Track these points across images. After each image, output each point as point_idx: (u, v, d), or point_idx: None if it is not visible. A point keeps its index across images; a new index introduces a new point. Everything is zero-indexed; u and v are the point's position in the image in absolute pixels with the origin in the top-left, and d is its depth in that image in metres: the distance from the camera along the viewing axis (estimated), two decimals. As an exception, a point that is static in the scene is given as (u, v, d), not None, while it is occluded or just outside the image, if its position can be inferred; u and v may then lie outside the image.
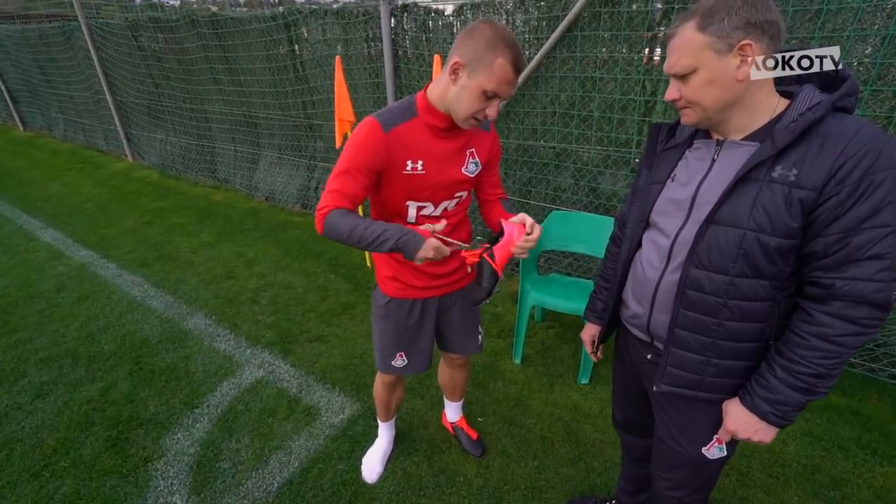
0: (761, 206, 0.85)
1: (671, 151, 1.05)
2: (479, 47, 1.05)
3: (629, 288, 1.12)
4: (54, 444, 1.97)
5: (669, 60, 0.91)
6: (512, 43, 1.05)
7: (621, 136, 2.56)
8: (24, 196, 5.01)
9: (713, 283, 0.92)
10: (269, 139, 4.57)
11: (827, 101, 0.83)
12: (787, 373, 0.88)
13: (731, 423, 0.97)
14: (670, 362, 1.03)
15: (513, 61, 1.06)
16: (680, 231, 0.97)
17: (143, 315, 2.88)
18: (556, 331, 2.73)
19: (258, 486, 1.79)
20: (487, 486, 1.80)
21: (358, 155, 1.14)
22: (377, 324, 1.54)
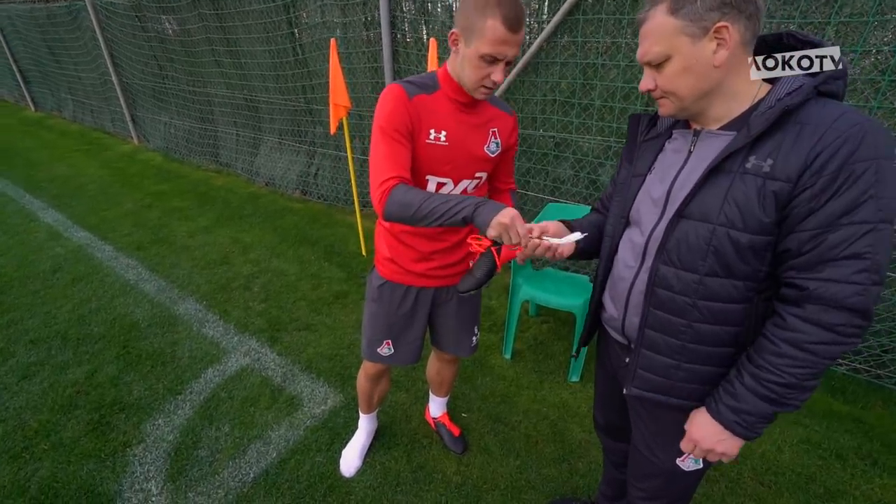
0: (733, 199, 0.79)
1: (651, 143, 0.99)
2: (471, 12, 1.01)
3: (607, 288, 1.07)
4: (36, 426, 1.97)
5: (641, 48, 0.84)
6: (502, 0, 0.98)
7: (623, 127, 2.45)
8: (30, 176, 5.04)
9: (682, 281, 0.87)
10: (270, 124, 4.52)
11: (808, 85, 0.75)
12: (754, 380, 0.81)
13: (696, 432, 0.91)
14: (640, 364, 0.97)
15: (504, 19, 0.99)
16: (655, 228, 0.92)
17: (135, 299, 2.87)
18: (549, 326, 2.66)
19: (234, 475, 1.77)
20: (466, 485, 1.76)
21: (392, 118, 1.10)
22: (369, 307, 1.49)
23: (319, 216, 4.08)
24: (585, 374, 2.29)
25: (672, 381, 0.94)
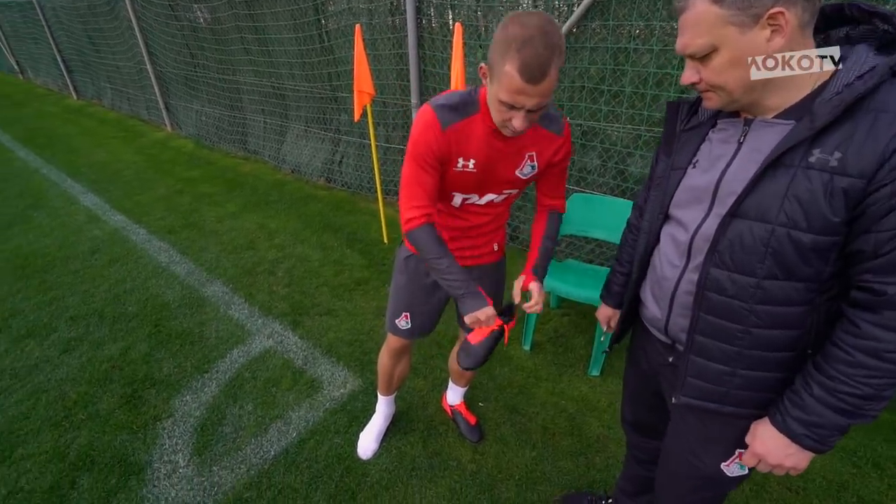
0: (794, 197, 0.72)
1: (692, 133, 0.91)
2: (496, 50, 0.94)
3: (647, 286, 1.02)
4: (75, 397, 2.08)
5: (681, 40, 0.76)
6: (525, 43, 0.87)
7: (654, 115, 2.36)
8: (71, 162, 5.28)
9: (737, 285, 0.80)
10: (297, 111, 4.57)
11: (883, 66, 0.67)
12: (826, 391, 0.75)
13: (760, 446, 0.84)
14: (690, 372, 0.91)
15: (522, 68, 0.89)
16: (700, 225, 0.85)
17: (167, 280, 2.98)
18: (570, 319, 2.62)
19: (256, 452, 1.83)
20: (481, 473, 1.76)
21: (422, 147, 1.10)
22: (395, 279, 1.52)
23: (343, 203, 4.13)
24: (606, 369, 2.25)
25: (726, 388, 0.88)
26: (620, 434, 1.91)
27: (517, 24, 0.90)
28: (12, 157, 5.42)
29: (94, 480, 1.72)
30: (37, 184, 4.60)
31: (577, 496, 1.64)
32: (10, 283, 2.93)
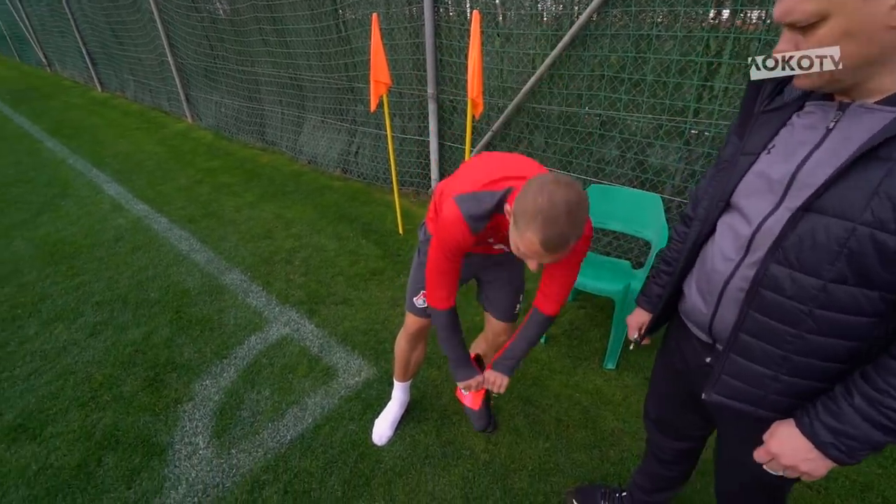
0: (886, 194, 0.64)
1: (773, 115, 0.82)
2: (523, 207, 0.95)
3: (693, 278, 0.95)
4: (101, 379, 2.15)
5: (783, 5, 0.67)
6: (550, 220, 0.91)
7: (676, 104, 2.30)
8: (96, 152, 5.41)
9: (798, 285, 0.74)
10: (314, 102, 4.59)
11: None
12: (868, 403, 0.70)
13: (776, 445, 0.80)
14: (727, 370, 0.87)
15: (542, 241, 0.94)
16: (767, 218, 0.78)
17: (187, 268, 3.05)
18: (586, 311, 2.59)
19: (273, 436, 1.87)
20: (494, 463, 1.77)
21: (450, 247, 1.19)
22: (415, 259, 1.58)
23: (358, 194, 4.15)
24: (622, 363, 2.22)
25: (764, 392, 0.83)
26: (636, 428, 1.90)
27: (546, 198, 0.91)
28: (41, 148, 5.59)
29: (118, 459, 1.78)
30: (64, 173, 4.74)
31: (590, 488, 1.63)
32: (39, 268, 3.03)
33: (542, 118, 2.88)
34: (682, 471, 1.34)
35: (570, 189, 0.92)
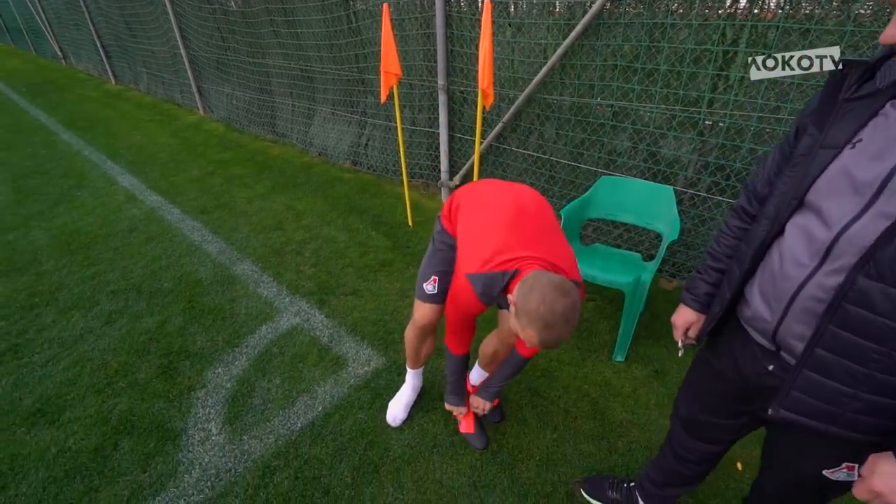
0: None
1: (860, 103, 0.74)
2: (526, 308, 1.07)
3: (756, 281, 0.89)
4: (116, 366, 2.20)
5: None
6: (549, 327, 1.04)
7: (690, 94, 2.26)
8: (110, 144, 5.49)
9: (892, 302, 0.67)
10: (324, 94, 4.59)
11: None
12: None
13: (880, 484, 0.73)
14: (798, 386, 0.81)
15: (541, 342, 1.07)
16: (851, 224, 0.71)
17: (200, 258, 3.09)
18: (595, 304, 2.58)
19: (283, 423, 1.90)
20: (501, 453, 1.78)
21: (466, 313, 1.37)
22: (429, 246, 1.64)
23: (368, 186, 4.15)
24: (631, 355, 2.21)
25: (841, 410, 0.78)
26: (644, 420, 1.89)
27: (548, 307, 1.03)
28: (57, 140, 5.68)
29: (134, 444, 1.83)
30: (79, 165, 4.82)
31: (598, 479, 1.63)
32: (56, 258, 3.10)
33: (553, 109, 2.85)
34: (701, 472, 1.30)
35: (568, 298, 1.04)
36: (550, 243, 1.28)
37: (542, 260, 1.20)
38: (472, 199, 1.46)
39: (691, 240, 2.58)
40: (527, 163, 3.17)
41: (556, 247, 1.28)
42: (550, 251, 1.25)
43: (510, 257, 1.21)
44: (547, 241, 1.28)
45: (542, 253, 1.22)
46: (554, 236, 1.33)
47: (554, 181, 3.05)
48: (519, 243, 1.24)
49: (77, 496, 1.63)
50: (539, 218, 1.34)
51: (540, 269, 1.16)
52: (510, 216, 1.31)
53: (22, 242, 3.31)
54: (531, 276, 1.12)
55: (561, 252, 1.28)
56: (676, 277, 2.74)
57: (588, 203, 2.41)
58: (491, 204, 1.39)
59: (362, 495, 1.63)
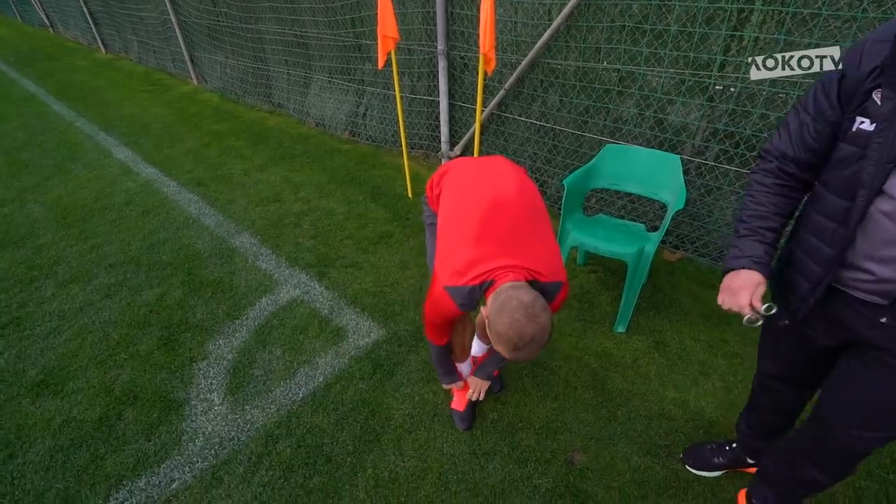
0: None
1: None
2: (496, 329, 1.11)
3: (862, 246, 0.91)
4: (117, 339, 2.20)
5: None
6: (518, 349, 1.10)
7: (701, 57, 2.16)
8: (103, 115, 5.37)
9: None
10: (320, 61, 4.44)
11: None
12: None
13: None
14: None
15: (512, 358, 1.15)
16: None
17: (198, 231, 3.06)
18: (597, 276, 2.55)
19: (285, 394, 1.91)
20: (501, 421, 1.79)
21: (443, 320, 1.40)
22: (426, 231, 1.66)
23: (367, 157, 4.07)
24: (632, 326, 2.20)
25: None
26: (643, 389, 1.90)
27: (516, 332, 1.08)
28: (48, 111, 5.55)
29: (137, 413, 1.84)
30: (72, 136, 4.72)
31: (697, 450, 1.62)
32: (53, 231, 3.07)
33: (557, 75, 2.74)
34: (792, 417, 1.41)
35: (536, 324, 1.08)
36: (526, 243, 1.26)
37: (517, 267, 1.20)
38: (451, 187, 1.43)
39: (696, 211, 2.53)
40: (529, 132, 3.09)
41: (532, 247, 1.26)
42: (526, 253, 1.24)
43: (484, 270, 1.22)
44: (522, 241, 1.26)
45: (517, 258, 1.22)
46: (532, 231, 1.29)
47: (557, 151, 2.97)
48: (493, 251, 1.24)
49: (84, 463, 1.66)
50: (517, 210, 1.29)
51: (514, 280, 1.18)
52: (484, 215, 1.27)
53: (18, 215, 3.27)
54: (503, 292, 1.14)
55: (538, 252, 1.26)
56: (680, 249, 2.71)
57: (592, 172, 2.35)
58: (466, 199, 1.34)
59: (364, 462, 1.66)
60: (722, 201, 2.43)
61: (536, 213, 1.34)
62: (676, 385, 1.92)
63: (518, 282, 1.18)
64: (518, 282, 1.18)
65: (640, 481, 1.58)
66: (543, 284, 1.24)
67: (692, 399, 1.86)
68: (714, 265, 2.59)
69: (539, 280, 1.23)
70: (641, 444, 1.70)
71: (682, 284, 2.47)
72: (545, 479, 1.59)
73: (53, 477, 1.62)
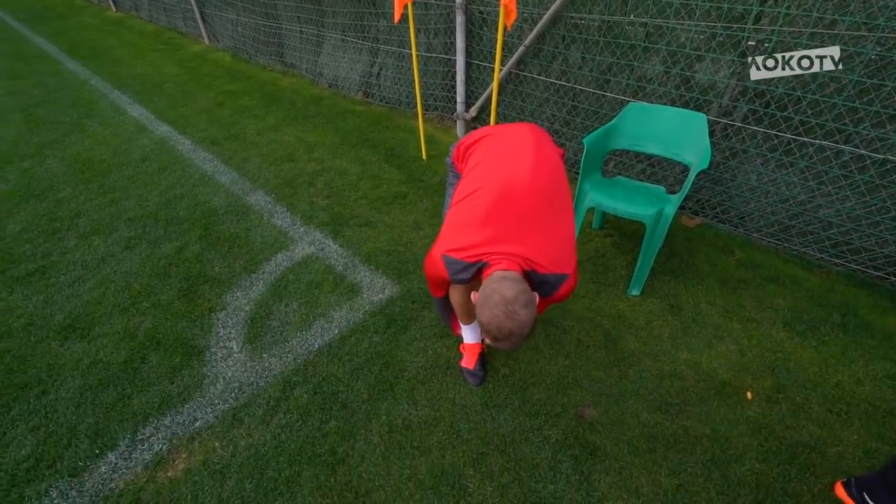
0: None
1: None
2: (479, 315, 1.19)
3: None
4: (139, 288, 2.26)
5: None
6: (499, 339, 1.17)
7: (736, 8, 2.04)
8: (115, 73, 5.33)
9: None
10: (333, 18, 4.31)
11: None
12: None
13: None
14: None
15: (495, 345, 1.21)
16: None
17: (213, 188, 3.07)
18: (613, 240, 2.53)
19: (301, 344, 1.96)
20: (513, 376, 1.82)
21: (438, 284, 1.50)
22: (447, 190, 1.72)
23: (381, 119, 4.01)
24: (646, 290, 2.19)
25: None
26: (656, 350, 1.91)
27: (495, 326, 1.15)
28: (62, 69, 5.53)
29: (161, 358, 1.91)
30: (87, 94, 4.71)
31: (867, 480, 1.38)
32: (73, 185, 3.11)
33: (580, 30, 2.63)
34: None
35: (513, 321, 1.13)
36: (532, 233, 1.27)
37: (515, 255, 1.23)
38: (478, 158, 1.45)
39: (719, 175, 2.46)
40: (548, 91, 2.99)
41: (537, 237, 1.27)
42: (529, 243, 1.25)
43: (482, 251, 1.26)
44: (529, 229, 1.27)
45: (518, 246, 1.24)
46: (542, 221, 1.28)
47: (576, 112, 2.88)
48: (496, 235, 1.26)
49: (112, 401, 1.74)
50: (530, 199, 1.28)
51: (507, 269, 1.22)
52: (496, 198, 1.28)
53: (38, 170, 3.31)
54: (489, 284, 1.19)
55: (542, 243, 1.27)
56: (699, 215, 2.65)
57: (613, 132, 2.28)
58: (485, 177, 1.35)
59: (378, 410, 1.71)
60: (747, 165, 2.36)
61: (552, 200, 1.32)
62: (689, 347, 1.92)
63: (509, 272, 1.21)
64: (509, 272, 1.21)
65: (648, 436, 1.61)
66: (542, 275, 1.26)
67: (705, 361, 1.86)
68: (734, 231, 2.54)
69: (536, 271, 1.25)
70: (651, 401, 1.72)
71: (700, 250, 2.44)
72: (555, 431, 1.63)
73: (84, 412, 1.70)
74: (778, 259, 2.37)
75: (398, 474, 1.52)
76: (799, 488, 1.46)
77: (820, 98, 1.97)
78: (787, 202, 2.30)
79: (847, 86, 1.87)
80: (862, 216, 2.11)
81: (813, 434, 1.59)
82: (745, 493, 1.45)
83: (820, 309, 2.08)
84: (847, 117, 1.95)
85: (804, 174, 2.19)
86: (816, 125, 2.04)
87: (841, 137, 2.02)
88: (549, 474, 1.51)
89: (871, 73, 1.81)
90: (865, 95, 1.87)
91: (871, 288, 2.18)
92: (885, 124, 1.89)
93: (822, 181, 2.15)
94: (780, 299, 2.13)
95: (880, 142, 1.93)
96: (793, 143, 2.16)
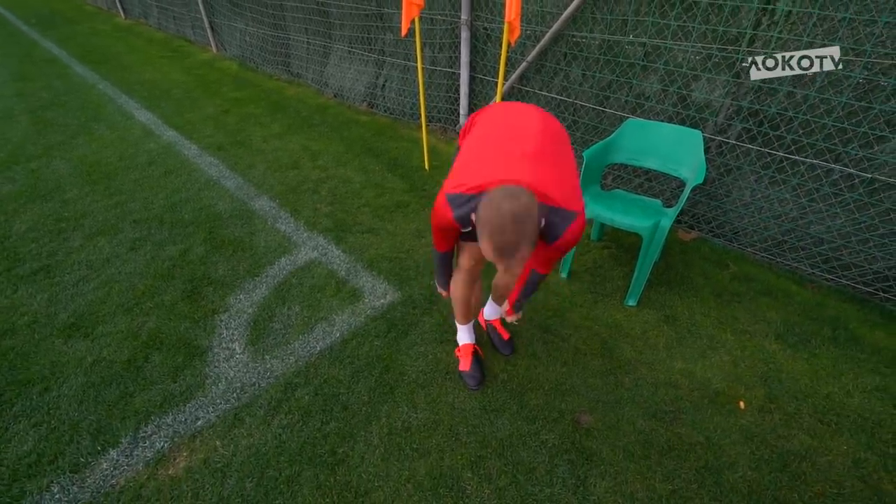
0: None
1: None
2: (479, 221, 1.07)
3: None
4: (143, 289, 2.29)
5: None
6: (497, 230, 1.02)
7: (731, 31, 2.13)
8: (124, 79, 5.41)
9: None
10: (340, 30, 4.42)
11: None
12: None
13: None
14: None
15: (493, 249, 1.06)
16: None
17: (218, 193, 3.12)
18: (611, 252, 2.58)
19: (303, 346, 1.99)
20: (511, 382, 1.85)
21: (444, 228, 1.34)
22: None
23: (385, 129, 4.08)
24: (644, 300, 2.23)
25: None
26: (652, 359, 1.94)
27: (495, 211, 1.02)
28: (70, 73, 5.61)
29: (163, 357, 1.93)
30: (95, 98, 4.78)
31: None
32: (79, 186, 3.15)
33: (581, 48, 2.72)
34: None
35: (516, 201, 1.02)
36: (542, 166, 1.17)
37: (523, 184, 1.11)
38: (480, 122, 1.44)
39: (714, 190, 2.53)
40: (550, 106, 3.07)
41: (549, 168, 1.18)
42: (539, 175, 1.14)
43: (487, 180, 1.15)
44: (538, 163, 1.17)
45: (528, 177, 1.13)
46: (552, 159, 1.22)
47: (577, 126, 2.96)
48: (503, 166, 1.17)
49: (114, 399, 1.76)
50: (539, 138, 1.24)
51: None
52: (503, 138, 1.25)
53: (45, 171, 3.35)
54: (492, 190, 1.07)
55: (553, 177, 1.17)
56: (695, 229, 2.71)
57: (612, 146, 2.35)
58: (489, 129, 1.33)
59: (378, 412, 1.73)
60: (741, 181, 2.42)
61: (560, 147, 1.30)
62: (684, 357, 1.96)
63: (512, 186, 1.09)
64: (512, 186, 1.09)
65: (643, 442, 1.64)
66: (552, 208, 1.15)
67: (699, 370, 1.90)
68: (728, 246, 2.59)
69: (547, 203, 1.15)
70: (647, 408, 1.75)
71: (696, 263, 2.49)
72: (552, 436, 1.66)
73: (86, 410, 1.72)
74: (771, 273, 2.43)
75: (397, 476, 1.54)
76: (790, 496, 1.49)
77: (811, 118, 2.05)
78: (779, 218, 2.36)
79: (836, 107, 1.96)
80: (851, 233, 2.17)
81: (804, 443, 1.63)
82: (738, 500, 1.47)
83: (811, 322, 2.13)
84: (836, 137, 2.03)
85: (796, 191, 2.26)
86: (808, 144, 2.12)
87: (831, 157, 2.09)
88: (546, 478, 1.53)
89: (859, 96, 1.89)
90: (854, 117, 1.95)
91: (861, 303, 2.23)
92: (872, 145, 1.97)
93: (814, 198, 2.22)
94: (773, 312, 2.18)
95: (868, 161, 2.00)
96: (785, 162, 2.23)
